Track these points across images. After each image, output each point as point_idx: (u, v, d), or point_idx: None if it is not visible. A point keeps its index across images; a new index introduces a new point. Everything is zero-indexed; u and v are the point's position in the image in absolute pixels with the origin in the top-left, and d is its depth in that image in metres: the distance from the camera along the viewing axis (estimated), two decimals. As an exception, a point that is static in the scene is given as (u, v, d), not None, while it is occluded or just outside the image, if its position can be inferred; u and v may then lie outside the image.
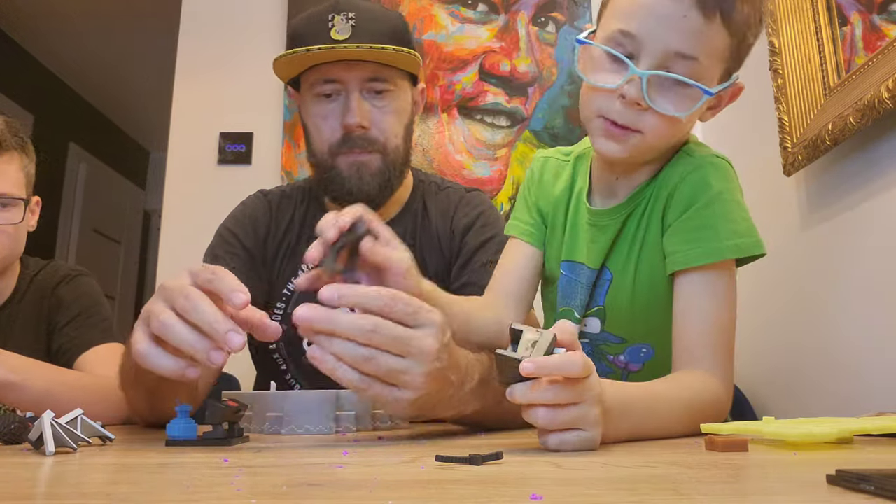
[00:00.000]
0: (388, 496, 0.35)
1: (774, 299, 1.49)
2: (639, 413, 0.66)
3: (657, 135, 0.81)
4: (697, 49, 0.77)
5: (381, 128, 1.10)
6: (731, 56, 0.81)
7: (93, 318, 1.23)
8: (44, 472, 0.46)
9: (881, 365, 1.13)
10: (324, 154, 1.12)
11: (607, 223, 0.91)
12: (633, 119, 0.80)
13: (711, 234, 0.82)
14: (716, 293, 0.82)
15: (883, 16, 1.14)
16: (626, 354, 0.95)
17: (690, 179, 0.85)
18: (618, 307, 0.93)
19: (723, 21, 0.77)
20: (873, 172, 1.17)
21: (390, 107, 1.11)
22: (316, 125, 1.12)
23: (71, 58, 3.98)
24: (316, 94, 1.11)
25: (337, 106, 1.10)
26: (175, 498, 0.36)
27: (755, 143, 1.61)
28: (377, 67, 1.09)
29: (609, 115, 0.81)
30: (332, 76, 1.08)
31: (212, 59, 2.23)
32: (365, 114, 1.09)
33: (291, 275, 1.17)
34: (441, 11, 2.19)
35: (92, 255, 4.18)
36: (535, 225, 1.01)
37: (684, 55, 0.77)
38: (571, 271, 0.96)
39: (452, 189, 1.24)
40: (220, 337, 0.59)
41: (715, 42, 0.78)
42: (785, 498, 0.35)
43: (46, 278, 1.25)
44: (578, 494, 0.36)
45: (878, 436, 0.65)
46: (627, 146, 0.81)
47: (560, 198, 0.99)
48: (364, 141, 1.09)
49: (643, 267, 0.90)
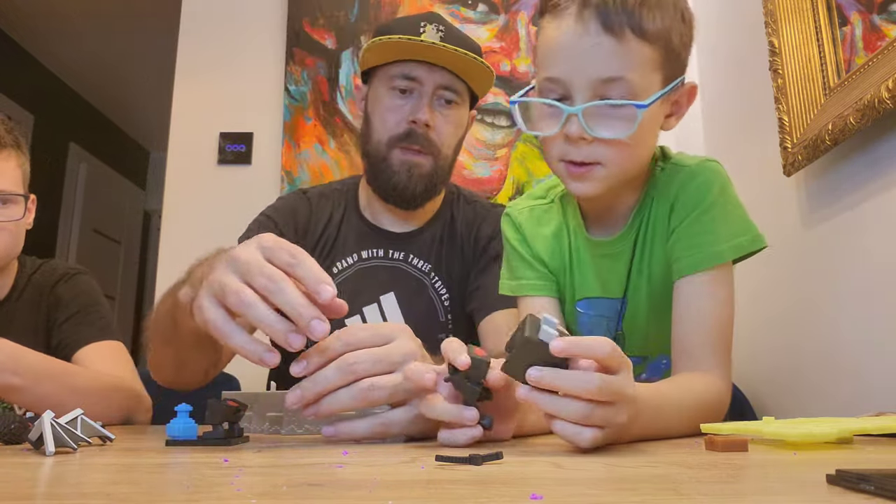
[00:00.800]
0: (388, 496, 0.35)
1: (774, 299, 1.49)
2: (648, 415, 0.65)
3: (616, 161, 0.81)
4: (620, 69, 0.78)
5: (440, 133, 1.17)
6: (664, 62, 0.81)
7: (91, 316, 1.23)
8: (44, 472, 0.46)
9: (881, 365, 1.13)
10: (381, 144, 1.17)
11: (619, 250, 0.91)
12: (588, 154, 0.80)
13: (711, 239, 0.83)
14: (714, 293, 0.83)
15: (883, 16, 1.14)
16: (647, 372, 0.95)
17: (689, 188, 0.86)
18: (636, 328, 0.93)
19: (635, 36, 0.78)
20: (873, 172, 1.17)
21: (452, 118, 1.18)
22: (383, 116, 1.17)
23: (71, 58, 3.98)
24: (391, 87, 1.17)
25: (407, 103, 1.16)
26: (175, 498, 0.36)
27: (755, 143, 1.61)
28: (453, 78, 1.16)
29: (567, 157, 0.82)
30: (414, 73, 1.15)
31: (212, 59, 2.23)
32: (432, 116, 1.15)
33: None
34: (441, 11, 2.19)
35: (92, 255, 4.18)
36: (544, 276, 0.97)
37: (611, 79, 0.78)
38: (591, 308, 0.95)
39: (480, 204, 1.31)
40: (304, 323, 0.58)
41: (636, 57, 0.78)
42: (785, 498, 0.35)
43: (45, 276, 1.25)
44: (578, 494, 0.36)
45: (878, 436, 0.65)
46: (595, 181, 0.82)
47: (556, 241, 0.97)
48: (424, 140, 1.15)
49: (655, 282, 0.90)
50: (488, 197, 2.07)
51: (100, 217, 4.42)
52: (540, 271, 0.97)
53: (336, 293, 0.60)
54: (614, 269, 0.92)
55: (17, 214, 1.17)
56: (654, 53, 0.79)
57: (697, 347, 0.81)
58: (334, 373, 0.62)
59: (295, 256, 0.61)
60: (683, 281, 0.84)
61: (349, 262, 1.22)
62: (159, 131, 3.00)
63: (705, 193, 0.85)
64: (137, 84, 4.18)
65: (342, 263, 1.22)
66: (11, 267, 1.24)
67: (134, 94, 4.36)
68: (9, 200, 1.16)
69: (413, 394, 0.64)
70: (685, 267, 0.84)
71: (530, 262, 0.98)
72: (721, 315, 0.83)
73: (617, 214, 0.91)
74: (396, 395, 0.63)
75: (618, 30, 0.77)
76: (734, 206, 0.86)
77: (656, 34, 0.79)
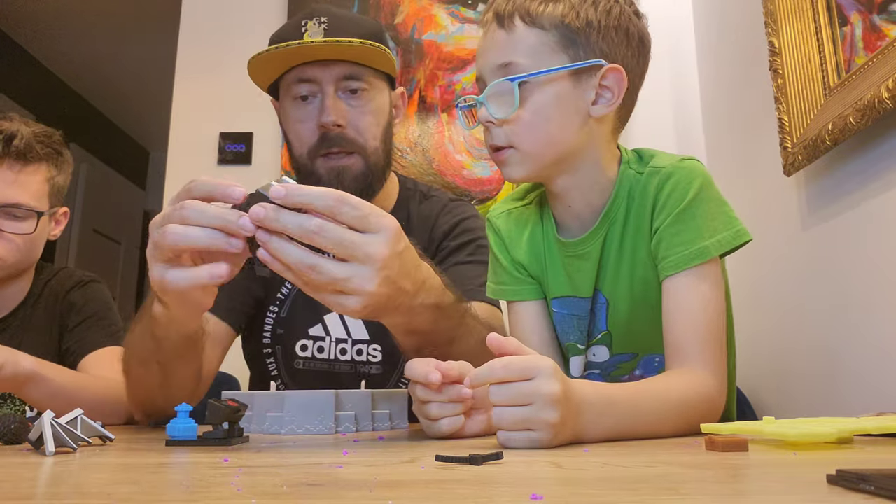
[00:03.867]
0: (388, 496, 0.35)
1: (774, 299, 1.49)
2: (621, 410, 0.68)
3: (526, 140, 0.87)
4: (509, 55, 0.86)
5: (357, 128, 1.09)
6: (566, 45, 0.86)
7: (102, 322, 1.27)
8: (44, 472, 0.46)
9: (881, 365, 1.13)
10: (304, 158, 1.10)
11: (586, 250, 0.92)
12: (498, 136, 0.87)
13: (695, 236, 0.84)
14: (701, 290, 0.83)
15: (883, 16, 1.14)
16: (640, 367, 0.96)
17: (667, 188, 0.87)
18: (621, 326, 0.93)
19: (525, 23, 0.86)
20: (873, 172, 1.17)
21: (367, 107, 1.10)
22: (294, 129, 1.11)
23: (71, 58, 3.98)
24: (293, 98, 1.11)
25: (313, 108, 1.09)
26: (175, 498, 0.36)
27: (755, 143, 1.61)
28: (351, 66, 1.09)
29: (488, 144, 0.90)
30: (307, 76, 1.09)
31: (212, 60, 2.23)
32: (341, 112, 1.08)
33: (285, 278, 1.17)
34: (441, 11, 2.19)
35: (92, 255, 4.18)
36: (523, 281, 0.99)
37: (503, 64, 0.86)
38: (562, 307, 0.97)
39: (436, 198, 1.23)
40: (233, 226, 0.62)
41: (525, 42, 0.86)
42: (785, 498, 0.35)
43: (60, 283, 1.30)
44: (578, 494, 0.36)
45: (878, 436, 0.65)
46: (514, 165, 0.88)
47: (531, 243, 0.99)
48: (342, 140, 1.08)
49: (637, 281, 0.90)
50: (488, 197, 2.07)
51: (100, 217, 4.42)
52: (518, 276, 1.00)
53: (245, 190, 0.65)
54: (582, 268, 0.93)
55: (28, 229, 1.19)
56: (549, 37, 0.86)
57: (687, 345, 0.81)
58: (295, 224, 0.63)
59: (191, 191, 0.65)
60: (670, 280, 0.85)
61: None
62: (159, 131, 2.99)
63: (685, 191, 0.85)
64: (137, 84, 4.18)
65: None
66: (29, 273, 1.28)
67: (134, 95, 4.36)
68: (22, 215, 1.18)
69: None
70: (671, 265, 0.84)
71: (508, 268, 1.00)
72: (710, 311, 0.83)
73: (583, 215, 0.93)
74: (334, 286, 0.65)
75: (507, 22, 0.87)
76: (716, 202, 0.86)
77: (549, 18, 0.85)
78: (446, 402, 0.69)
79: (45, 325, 1.26)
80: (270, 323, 1.17)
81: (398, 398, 0.87)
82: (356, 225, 0.63)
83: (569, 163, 0.89)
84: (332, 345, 1.15)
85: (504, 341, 0.65)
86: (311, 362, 1.15)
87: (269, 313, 1.17)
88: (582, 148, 0.89)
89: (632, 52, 0.89)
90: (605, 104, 0.87)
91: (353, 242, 0.63)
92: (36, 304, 1.27)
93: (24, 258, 1.22)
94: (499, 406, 0.61)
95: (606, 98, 0.87)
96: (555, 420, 0.59)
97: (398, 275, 0.67)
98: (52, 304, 1.28)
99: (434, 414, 0.69)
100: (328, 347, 1.15)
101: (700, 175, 0.87)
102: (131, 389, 0.92)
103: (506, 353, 0.64)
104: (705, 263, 0.84)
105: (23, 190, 1.18)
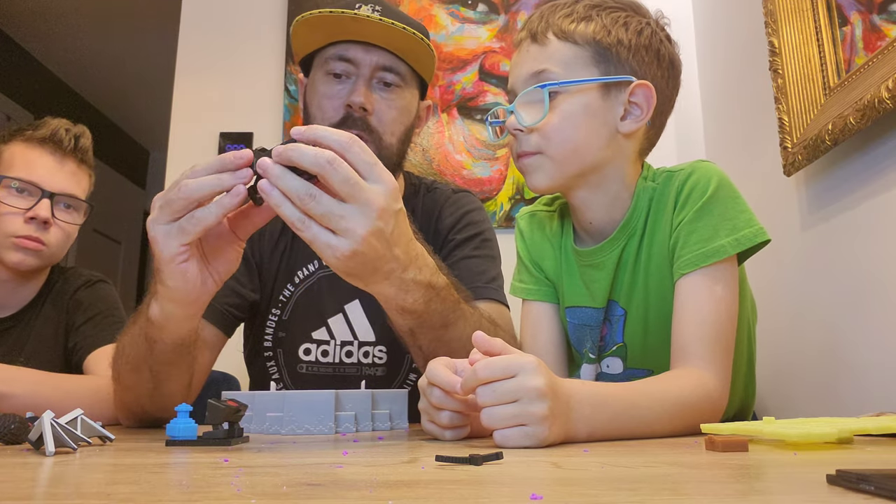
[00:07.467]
0: (388, 496, 0.35)
1: (774, 299, 1.49)
2: (616, 408, 0.67)
3: (553, 147, 0.88)
4: (541, 63, 0.88)
5: (381, 119, 1.09)
6: (598, 60, 0.88)
7: (108, 320, 1.29)
8: (44, 472, 0.46)
9: (881, 365, 1.13)
10: None
11: (601, 260, 0.93)
12: (526, 143, 0.89)
13: (712, 234, 0.83)
14: (712, 290, 0.83)
15: (883, 16, 1.14)
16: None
17: (690, 182, 0.87)
18: (637, 339, 0.93)
19: (558, 38, 0.89)
20: (873, 172, 1.17)
21: (396, 102, 1.10)
22: (320, 104, 1.10)
23: (71, 58, 3.98)
24: (327, 73, 1.09)
25: (344, 88, 1.08)
26: (175, 498, 0.36)
27: (755, 143, 1.61)
28: (392, 58, 1.09)
29: (515, 151, 0.91)
30: (348, 55, 1.08)
31: (212, 59, 2.23)
32: (371, 99, 1.08)
33: (286, 281, 1.16)
34: (441, 11, 2.19)
35: (92, 255, 4.18)
36: (540, 281, 1.02)
37: (536, 72, 0.89)
38: (575, 317, 0.98)
39: (440, 190, 1.23)
40: (241, 160, 0.69)
41: (558, 54, 0.88)
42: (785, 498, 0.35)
43: (69, 282, 1.33)
44: (578, 494, 0.36)
45: (878, 436, 0.65)
46: (540, 172, 0.89)
47: (552, 249, 1.01)
48: (364, 125, 1.07)
49: (653, 293, 0.90)
50: (488, 197, 2.07)
51: (100, 217, 4.41)
52: (537, 277, 1.02)
53: (248, 155, 0.70)
54: (597, 278, 0.93)
55: (79, 220, 1.30)
56: (581, 51, 0.88)
57: (692, 344, 0.80)
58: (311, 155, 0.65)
59: (184, 177, 0.68)
60: (684, 279, 0.84)
61: (311, 269, 1.16)
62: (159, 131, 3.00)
63: (706, 187, 0.86)
64: (137, 84, 4.18)
65: (304, 271, 1.16)
66: (44, 272, 1.32)
67: (134, 95, 4.35)
68: (72, 206, 1.28)
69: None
70: (686, 263, 0.84)
71: (529, 267, 1.03)
72: (720, 312, 0.82)
73: (601, 227, 0.93)
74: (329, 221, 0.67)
75: (541, 37, 0.90)
76: (734, 200, 0.86)
77: (582, 35, 0.88)
78: (458, 413, 0.68)
79: (52, 323, 1.29)
80: (272, 326, 1.16)
81: (398, 398, 0.87)
82: (362, 170, 0.66)
83: (593, 176, 0.90)
84: (337, 348, 1.14)
85: (490, 341, 0.65)
86: (314, 366, 1.14)
87: (270, 316, 1.16)
88: (608, 163, 0.89)
89: (662, 73, 0.90)
90: (633, 120, 0.88)
91: (357, 183, 0.65)
92: (45, 303, 1.30)
93: (59, 251, 1.27)
94: (487, 406, 0.61)
95: (635, 114, 0.88)
96: (544, 412, 0.59)
97: (391, 235, 0.68)
98: (60, 302, 1.31)
99: (446, 422, 0.68)
100: (333, 351, 1.14)
101: (717, 173, 0.88)
102: (120, 394, 0.91)
103: (491, 352, 0.64)
104: (720, 264, 0.83)
105: (78, 185, 1.29)
